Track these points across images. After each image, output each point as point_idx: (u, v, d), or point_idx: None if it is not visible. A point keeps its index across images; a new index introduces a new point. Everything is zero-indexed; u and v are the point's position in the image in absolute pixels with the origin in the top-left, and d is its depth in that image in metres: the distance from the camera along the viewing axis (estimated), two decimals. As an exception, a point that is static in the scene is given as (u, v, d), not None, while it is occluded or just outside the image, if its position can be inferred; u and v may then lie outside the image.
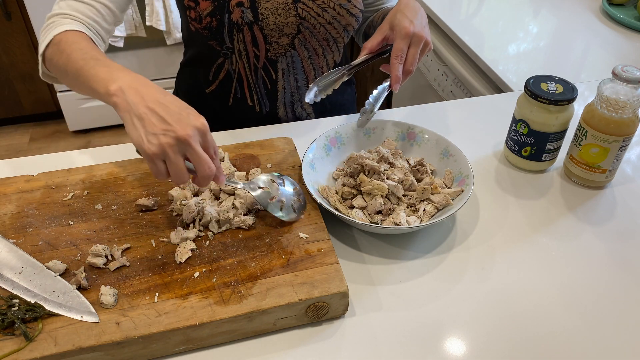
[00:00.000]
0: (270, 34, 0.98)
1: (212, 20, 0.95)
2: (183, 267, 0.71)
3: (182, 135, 0.62)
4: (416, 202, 0.83)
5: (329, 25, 1.00)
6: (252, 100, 1.08)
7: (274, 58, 1.02)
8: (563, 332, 0.70)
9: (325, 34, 1.01)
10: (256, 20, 0.96)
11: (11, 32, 2.42)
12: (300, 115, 1.12)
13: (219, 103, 1.10)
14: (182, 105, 0.66)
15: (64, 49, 0.77)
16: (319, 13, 0.98)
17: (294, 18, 0.97)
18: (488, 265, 0.78)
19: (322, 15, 0.98)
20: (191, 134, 0.63)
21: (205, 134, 0.65)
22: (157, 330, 0.63)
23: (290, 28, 0.98)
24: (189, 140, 0.62)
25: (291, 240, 0.75)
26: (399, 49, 0.85)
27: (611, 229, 0.85)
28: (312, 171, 0.86)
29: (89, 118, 2.68)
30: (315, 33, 1.01)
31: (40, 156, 0.96)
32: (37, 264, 0.70)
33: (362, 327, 0.70)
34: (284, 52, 1.02)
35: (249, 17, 0.95)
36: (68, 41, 0.78)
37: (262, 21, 0.96)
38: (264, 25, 0.97)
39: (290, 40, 1.00)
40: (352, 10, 1.00)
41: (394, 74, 0.86)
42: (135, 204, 0.79)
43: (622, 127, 0.85)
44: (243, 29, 0.97)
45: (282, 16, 0.97)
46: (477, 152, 1.00)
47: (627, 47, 1.43)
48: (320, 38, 1.02)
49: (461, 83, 1.50)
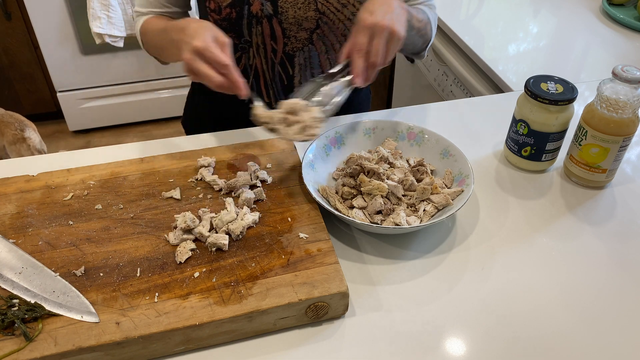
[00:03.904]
0: (289, 28, 0.99)
1: (231, 11, 0.96)
2: (183, 267, 0.71)
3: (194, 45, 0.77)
4: (416, 202, 0.83)
5: (347, 22, 1.01)
6: (269, 96, 1.08)
7: (291, 53, 1.03)
8: (563, 332, 0.70)
9: (344, 30, 1.02)
10: (275, 14, 0.97)
11: (11, 32, 2.42)
12: None
13: (236, 100, 1.10)
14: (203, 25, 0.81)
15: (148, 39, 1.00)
16: (338, 9, 0.98)
17: (314, 13, 0.98)
18: (488, 265, 0.78)
19: (341, 11, 0.99)
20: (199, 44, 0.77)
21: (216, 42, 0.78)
22: (157, 330, 0.63)
23: (309, 22, 0.99)
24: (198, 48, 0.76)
25: (291, 240, 0.75)
26: (358, 42, 0.80)
27: (611, 229, 0.85)
28: (312, 171, 0.86)
29: (89, 118, 2.68)
30: (334, 29, 1.01)
31: (40, 156, 0.96)
32: (37, 264, 0.70)
33: (362, 327, 0.70)
34: (302, 46, 1.02)
35: (269, 9, 0.96)
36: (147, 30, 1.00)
37: (281, 14, 0.97)
38: (283, 19, 0.98)
39: (309, 34, 1.01)
40: None
41: (355, 69, 0.81)
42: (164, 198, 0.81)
43: (622, 127, 0.85)
44: (262, 21, 0.97)
45: (302, 10, 0.97)
46: (477, 152, 1.00)
47: (627, 47, 1.43)
48: (339, 34, 1.03)
49: (461, 83, 1.50)
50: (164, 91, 2.69)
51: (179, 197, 0.82)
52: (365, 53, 0.80)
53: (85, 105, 2.63)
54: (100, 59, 2.50)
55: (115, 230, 0.76)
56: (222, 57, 0.77)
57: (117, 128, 2.78)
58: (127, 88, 2.62)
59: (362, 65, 0.80)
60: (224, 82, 0.78)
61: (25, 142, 2.17)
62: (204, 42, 0.77)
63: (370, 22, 0.79)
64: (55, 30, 2.36)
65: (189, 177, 0.86)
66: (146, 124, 2.80)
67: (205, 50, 0.77)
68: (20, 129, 2.17)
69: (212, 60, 0.77)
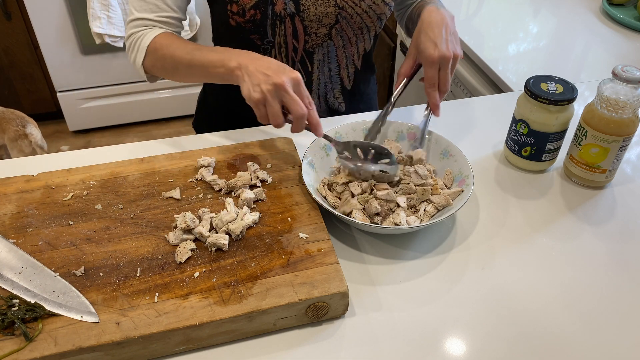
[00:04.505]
0: (310, 25, 1.00)
1: (256, 12, 0.96)
2: (183, 267, 0.71)
3: (278, 82, 0.77)
4: (416, 203, 0.83)
5: (364, 15, 1.02)
6: None
7: (311, 50, 1.04)
8: (563, 332, 0.70)
9: (361, 23, 1.03)
10: (297, 12, 0.98)
11: (11, 32, 2.42)
12: (332, 105, 1.14)
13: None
14: (281, 64, 0.81)
15: (165, 53, 0.91)
16: (355, 2, 1.00)
17: (333, 8, 0.99)
18: (488, 265, 0.78)
19: (358, 5, 1.00)
20: (285, 80, 0.77)
21: (299, 84, 0.79)
22: (157, 330, 0.63)
23: (329, 18, 1.00)
24: (283, 85, 0.77)
25: (291, 240, 0.75)
26: (430, 77, 0.89)
27: (611, 229, 0.85)
28: (312, 171, 0.86)
29: (89, 118, 2.68)
30: (351, 22, 1.03)
31: (40, 156, 0.96)
32: (37, 264, 0.70)
33: (362, 327, 0.70)
34: (321, 42, 1.04)
35: (291, 8, 0.97)
36: (163, 45, 0.92)
37: (303, 12, 0.98)
38: (304, 17, 0.99)
39: (328, 30, 1.02)
40: None
41: (432, 102, 0.90)
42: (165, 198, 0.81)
43: (622, 127, 0.85)
44: (285, 20, 0.98)
45: (322, 7, 0.98)
46: (477, 152, 1.00)
47: (627, 47, 1.43)
48: (356, 27, 1.04)
49: (461, 83, 1.50)
50: (164, 91, 2.69)
51: (179, 197, 0.82)
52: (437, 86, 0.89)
53: (85, 105, 2.63)
54: (100, 59, 2.50)
55: (115, 230, 0.76)
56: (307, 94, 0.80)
57: (117, 128, 2.77)
58: (127, 88, 2.62)
59: (438, 98, 0.90)
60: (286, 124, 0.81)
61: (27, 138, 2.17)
62: (294, 79, 0.78)
63: (438, 56, 0.87)
64: (55, 30, 2.36)
65: (189, 177, 0.86)
66: (146, 124, 2.80)
67: (296, 85, 0.79)
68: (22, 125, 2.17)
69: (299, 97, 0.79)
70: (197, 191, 0.83)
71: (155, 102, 2.70)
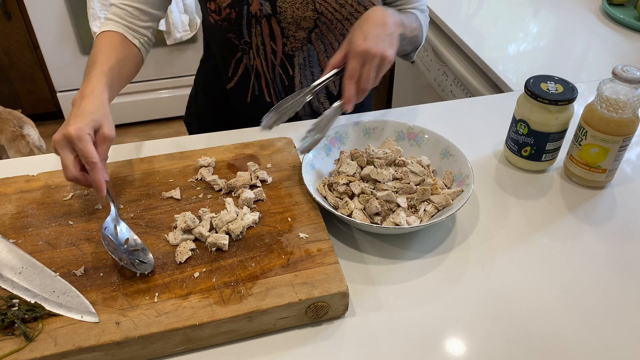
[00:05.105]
0: (287, 27, 0.99)
1: (231, 11, 0.96)
2: (183, 267, 0.71)
3: (68, 132, 0.73)
4: (416, 203, 0.83)
5: (346, 22, 1.00)
6: (270, 96, 1.08)
7: (290, 53, 1.03)
8: (563, 332, 0.70)
9: (342, 30, 1.01)
10: (274, 13, 0.97)
11: (11, 32, 2.42)
12: (317, 109, 1.13)
13: (238, 100, 1.11)
14: (81, 113, 0.77)
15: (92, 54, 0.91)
16: (336, 9, 0.98)
17: (312, 12, 0.97)
18: (488, 265, 0.78)
19: (339, 11, 0.98)
20: (67, 132, 0.73)
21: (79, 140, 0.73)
22: (157, 330, 0.63)
23: (307, 22, 0.99)
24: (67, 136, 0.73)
25: (291, 240, 0.75)
26: (351, 68, 0.81)
27: (611, 229, 0.85)
28: (312, 171, 0.86)
29: (89, 118, 2.68)
30: (332, 28, 1.01)
31: (40, 156, 0.96)
32: (37, 264, 0.70)
33: (362, 327, 0.70)
34: (301, 46, 1.02)
35: (268, 9, 0.96)
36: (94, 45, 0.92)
37: (280, 14, 0.97)
38: (281, 19, 0.97)
39: (307, 34, 1.01)
40: (369, 7, 0.98)
41: (346, 95, 0.82)
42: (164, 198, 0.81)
43: (622, 127, 0.85)
44: (261, 21, 0.97)
45: (300, 10, 0.97)
46: (477, 152, 1.00)
47: (627, 47, 1.43)
48: (337, 33, 1.02)
49: (461, 83, 1.50)
50: (163, 91, 2.69)
51: (179, 197, 0.82)
52: (357, 79, 0.81)
53: (85, 105, 2.62)
54: (100, 59, 2.49)
55: (115, 230, 0.76)
56: (92, 153, 0.74)
57: (117, 128, 2.75)
58: (127, 88, 2.62)
59: (354, 92, 0.81)
60: (80, 179, 0.75)
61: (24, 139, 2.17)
62: (78, 130, 0.73)
63: (363, 49, 0.80)
64: (55, 30, 2.36)
65: (189, 177, 0.86)
66: (146, 124, 2.80)
67: (78, 140, 0.73)
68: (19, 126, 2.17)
69: (80, 154, 0.74)
70: (197, 191, 0.83)
71: (155, 102, 2.70)
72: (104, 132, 0.77)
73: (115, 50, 0.91)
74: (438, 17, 1.59)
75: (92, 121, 0.76)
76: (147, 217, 0.78)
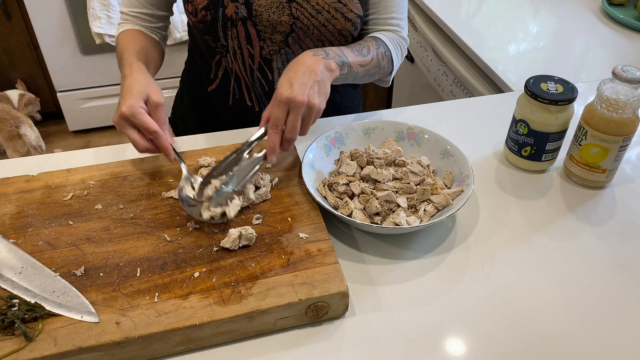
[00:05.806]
0: (263, 30, 0.98)
1: (206, 14, 0.96)
2: (183, 267, 0.71)
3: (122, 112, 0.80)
4: (416, 203, 0.83)
5: (322, 28, 0.98)
6: (251, 100, 1.08)
7: (268, 57, 1.02)
8: (563, 332, 0.70)
9: (320, 36, 0.99)
10: (250, 16, 0.96)
11: (11, 32, 2.42)
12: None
13: (220, 103, 1.11)
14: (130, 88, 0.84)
15: (118, 48, 0.99)
16: (312, 14, 0.95)
17: (287, 17, 0.96)
18: (488, 265, 0.78)
19: (315, 17, 0.96)
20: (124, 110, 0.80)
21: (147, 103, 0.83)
22: (157, 330, 0.63)
23: (283, 26, 0.97)
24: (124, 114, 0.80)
25: (291, 240, 0.75)
26: (274, 117, 0.78)
27: (611, 229, 0.85)
28: (312, 171, 0.86)
29: (89, 118, 2.68)
30: (309, 34, 0.99)
31: (40, 156, 0.96)
32: (37, 264, 0.70)
33: (362, 327, 0.70)
34: (278, 49, 1.01)
35: (243, 12, 0.95)
36: (119, 40, 1.00)
37: (255, 17, 0.96)
38: (257, 22, 0.97)
39: (284, 37, 0.99)
40: (347, 14, 0.96)
41: (269, 145, 0.79)
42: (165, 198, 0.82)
43: (622, 127, 0.85)
44: (237, 24, 0.97)
45: (276, 14, 0.96)
46: (477, 152, 1.00)
47: (627, 47, 1.43)
48: (315, 39, 1.00)
49: (461, 83, 1.50)
50: (164, 91, 2.68)
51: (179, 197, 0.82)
52: (281, 129, 0.79)
53: (85, 105, 2.63)
54: (100, 59, 2.50)
55: (115, 230, 0.76)
56: (150, 123, 0.80)
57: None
58: (127, 88, 2.62)
59: (277, 142, 0.79)
60: (150, 148, 0.82)
61: (21, 139, 2.18)
62: (130, 107, 0.80)
63: (286, 97, 0.77)
64: (55, 30, 2.36)
65: (189, 177, 0.86)
66: (146, 124, 2.80)
67: (132, 116, 0.80)
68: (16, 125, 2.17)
69: (140, 127, 0.80)
70: (197, 191, 0.83)
71: (155, 102, 2.70)
72: (153, 100, 0.83)
73: (138, 40, 0.99)
74: (438, 17, 1.59)
75: (139, 94, 0.82)
76: (147, 217, 0.78)
